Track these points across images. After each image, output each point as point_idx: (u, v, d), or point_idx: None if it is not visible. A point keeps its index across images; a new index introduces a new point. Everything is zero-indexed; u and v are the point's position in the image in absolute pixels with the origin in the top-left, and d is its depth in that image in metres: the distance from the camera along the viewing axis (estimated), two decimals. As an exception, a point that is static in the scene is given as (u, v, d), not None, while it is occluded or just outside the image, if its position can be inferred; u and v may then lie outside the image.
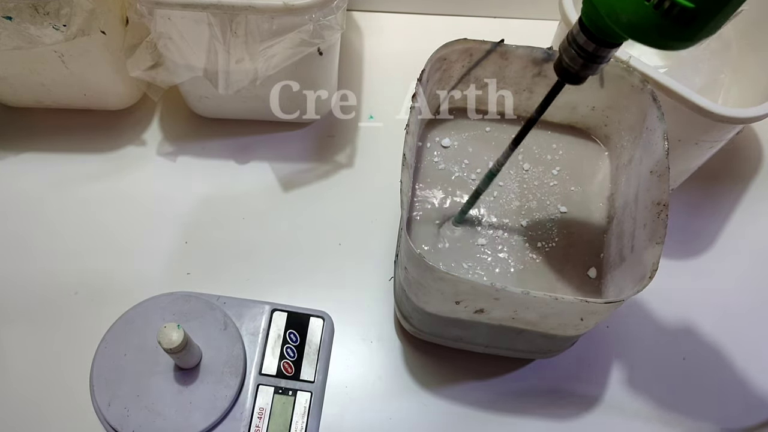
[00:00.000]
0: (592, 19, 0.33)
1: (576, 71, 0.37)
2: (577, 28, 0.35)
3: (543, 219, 0.51)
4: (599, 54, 0.35)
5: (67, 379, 0.51)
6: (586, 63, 0.36)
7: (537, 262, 0.49)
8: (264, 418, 0.48)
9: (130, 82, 0.61)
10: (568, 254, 0.50)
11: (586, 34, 0.34)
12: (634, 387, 0.54)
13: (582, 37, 0.35)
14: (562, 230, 0.51)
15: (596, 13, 0.32)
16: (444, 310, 0.45)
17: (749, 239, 0.62)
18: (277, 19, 0.50)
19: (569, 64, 0.36)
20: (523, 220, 0.51)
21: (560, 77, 0.38)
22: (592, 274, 0.49)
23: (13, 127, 0.64)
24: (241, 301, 0.52)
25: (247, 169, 0.63)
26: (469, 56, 0.50)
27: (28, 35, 0.51)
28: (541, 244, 0.50)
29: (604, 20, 0.32)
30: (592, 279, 0.49)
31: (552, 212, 0.51)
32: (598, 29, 0.34)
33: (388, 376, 0.53)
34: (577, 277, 0.49)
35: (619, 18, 0.31)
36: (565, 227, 0.51)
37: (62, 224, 0.59)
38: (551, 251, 0.50)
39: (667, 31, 0.30)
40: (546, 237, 0.50)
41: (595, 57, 0.35)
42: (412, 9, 0.75)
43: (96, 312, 0.54)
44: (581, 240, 0.50)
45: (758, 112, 0.50)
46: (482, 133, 0.54)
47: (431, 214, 0.50)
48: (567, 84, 0.38)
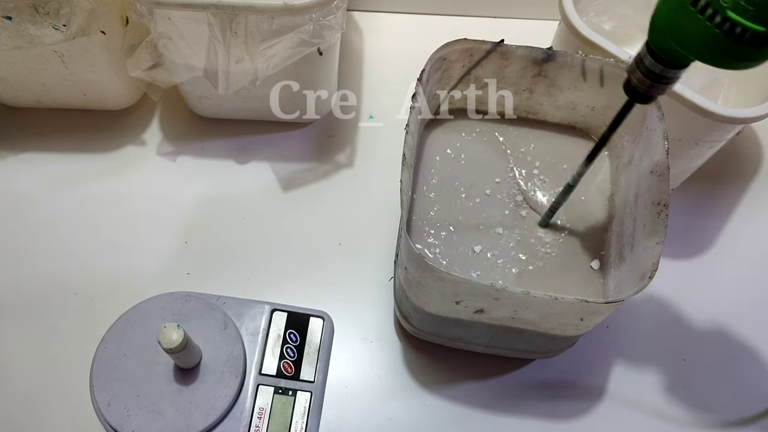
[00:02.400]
0: (658, 44, 0.34)
1: (644, 91, 0.37)
2: (644, 51, 0.35)
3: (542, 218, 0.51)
4: (667, 75, 0.36)
5: (67, 379, 0.51)
6: (654, 84, 0.36)
7: (537, 262, 0.49)
8: (264, 418, 0.48)
9: (130, 82, 0.61)
10: (567, 254, 0.50)
11: (653, 57, 0.35)
12: (634, 387, 0.54)
13: (649, 59, 0.35)
14: (562, 230, 0.51)
15: (664, 39, 0.33)
16: (444, 310, 0.45)
17: (749, 239, 0.62)
18: (277, 19, 0.50)
19: (637, 85, 0.37)
20: (523, 220, 0.51)
21: (630, 97, 0.39)
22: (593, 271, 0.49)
23: (13, 127, 0.64)
24: (241, 301, 0.52)
25: (247, 169, 0.63)
26: (469, 56, 0.50)
27: (28, 35, 0.51)
28: (540, 244, 0.50)
29: (672, 45, 0.33)
30: (592, 279, 0.49)
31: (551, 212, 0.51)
32: (665, 53, 0.34)
33: (388, 376, 0.53)
34: (577, 277, 0.49)
35: (690, 45, 0.31)
36: (565, 227, 0.51)
37: (62, 224, 0.59)
38: (551, 251, 0.50)
39: (741, 54, 0.30)
40: (546, 237, 0.50)
41: (662, 78, 0.36)
42: (412, 9, 0.75)
43: (96, 312, 0.54)
44: (581, 240, 0.50)
45: (758, 112, 0.50)
46: (482, 133, 0.54)
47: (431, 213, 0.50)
48: (636, 103, 0.39)
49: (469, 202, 0.51)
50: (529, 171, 0.53)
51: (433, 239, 0.49)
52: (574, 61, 0.49)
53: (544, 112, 0.55)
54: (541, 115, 0.55)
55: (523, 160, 0.53)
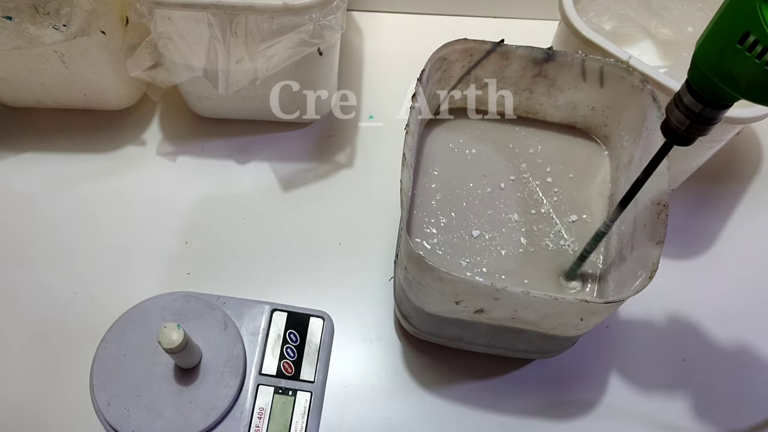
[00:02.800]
0: (700, 83, 0.33)
1: (683, 132, 0.36)
2: (684, 89, 0.34)
3: (543, 219, 0.51)
4: (708, 116, 0.34)
5: (67, 379, 0.51)
6: (694, 124, 0.35)
7: (537, 262, 0.49)
8: (264, 418, 0.48)
9: (130, 82, 0.61)
10: (567, 254, 0.50)
11: (693, 96, 0.34)
12: (633, 387, 0.54)
13: (689, 98, 0.34)
14: (561, 230, 0.50)
15: (707, 78, 0.32)
16: (444, 310, 0.45)
17: (749, 239, 0.62)
18: (277, 19, 0.50)
19: (677, 126, 0.36)
20: (523, 221, 0.51)
21: (668, 138, 0.37)
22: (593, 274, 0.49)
23: (13, 127, 0.64)
24: (241, 301, 0.52)
25: (247, 169, 0.63)
26: (469, 56, 0.50)
27: (28, 35, 0.51)
28: (540, 244, 0.50)
29: (716, 84, 0.32)
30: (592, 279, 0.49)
31: (552, 212, 0.51)
32: (707, 92, 0.33)
33: (388, 376, 0.53)
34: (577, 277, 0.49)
35: (737, 84, 0.31)
36: (565, 227, 0.51)
37: (62, 224, 0.59)
38: (551, 251, 0.50)
39: None
40: (546, 237, 0.50)
41: (702, 118, 0.34)
42: (412, 9, 0.75)
43: (96, 312, 0.54)
44: (581, 240, 0.50)
45: (758, 112, 0.50)
46: (482, 133, 0.54)
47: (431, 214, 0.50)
48: (675, 145, 0.37)
49: (469, 201, 0.51)
50: (529, 171, 0.53)
51: (433, 239, 0.49)
52: (574, 61, 0.49)
53: (544, 112, 0.55)
54: (541, 115, 0.55)
55: (523, 160, 0.53)
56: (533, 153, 0.54)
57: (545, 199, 0.52)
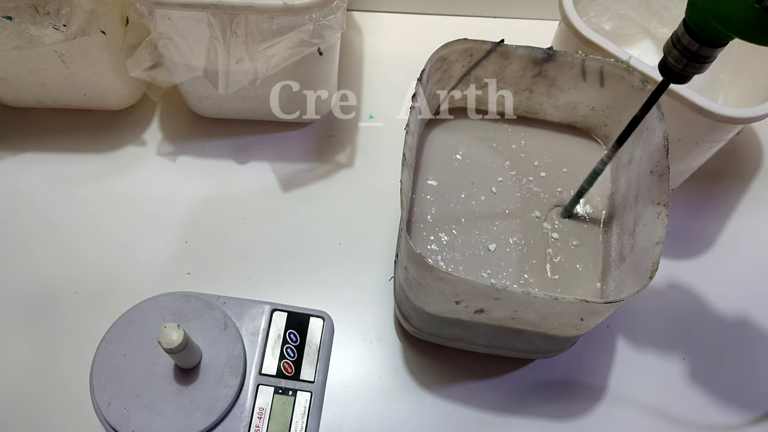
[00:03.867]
0: (697, 22, 0.34)
1: (680, 70, 0.37)
2: (681, 30, 0.36)
3: (542, 219, 0.51)
4: (703, 54, 0.36)
5: (67, 379, 0.51)
6: (690, 62, 0.37)
7: (537, 262, 0.49)
8: (264, 418, 0.48)
9: (130, 82, 0.61)
10: (567, 254, 0.50)
11: (690, 35, 0.35)
12: (633, 387, 0.54)
13: (687, 38, 0.36)
14: (562, 230, 0.51)
15: (702, 17, 0.34)
16: (444, 310, 0.45)
17: (749, 239, 0.62)
18: (277, 19, 0.50)
19: (674, 64, 0.37)
20: (523, 221, 0.51)
21: (664, 76, 0.39)
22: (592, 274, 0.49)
23: (13, 127, 0.64)
24: (241, 301, 0.52)
25: (247, 169, 0.63)
26: (469, 56, 0.50)
27: (28, 35, 0.51)
28: (541, 244, 0.50)
29: (710, 23, 0.33)
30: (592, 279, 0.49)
31: (552, 212, 0.51)
32: (703, 31, 0.35)
33: (388, 376, 0.53)
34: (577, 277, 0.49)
35: (729, 22, 0.32)
36: (565, 227, 0.51)
37: (62, 224, 0.59)
38: (551, 251, 0.50)
39: None
40: (546, 237, 0.50)
41: (699, 57, 0.36)
42: (412, 9, 0.75)
43: (96, 312, 0.54)
44: (581, 240, 0.50)
45: (758, 112, 0.50)
46: (482, 133, 0.54)
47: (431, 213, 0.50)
48: (671, 83, 0.39)
49: (470, 202, 0.51)
50: (529, 170, 0.53)
51: (433, 238, 0.49)
52: (574, 61, 0.49)
53: (544, 112, 0.55)
54: (541, 115, 0.55)
55: (523, 160, 0.53)
56: (533, 153, 0.54)
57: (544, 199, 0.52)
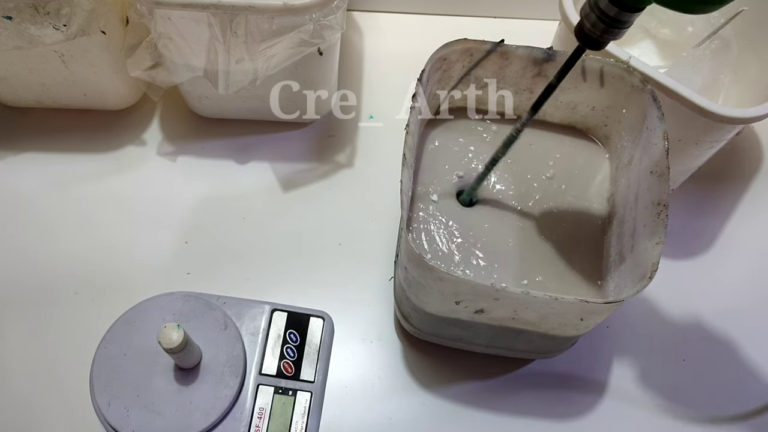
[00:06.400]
0: None
1: (597, 36, 0.36)
2: None
3: (542, 219, 0.51)
4: (621, 19, 0.35)
5: (67, 379, 0.51)
6: (608, 28, 0.36)
7: (537, 262, 0.49)
8: (264, 418, 0.48)
9: (130, 82, 0.61)
10: (567, 255, 0.50)
11: (610, 1, 0.34)
12: (633, 387, 0.54)
13: (604, 2, 0.35)
14: (562, 231, 0.50)
15: None
16: (444, 310, 0.45)
17: (749, 239, 0.62)
18: (277, 19, 0.50)
19: (591, 30, 0.36)
20: (522, 221, 0.51)
21: (581, 42, 0.38)
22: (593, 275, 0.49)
23: (13, 127, 0.64)
24: (241, 301, 0.52)
25: (247, 169, 0.63)
26: (469, 56, 0.50)
27: (28, 35, 0.51)
28: (541, 244, 0.50)
29: None
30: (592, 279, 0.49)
31: (552, 213, 0.51)
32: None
33: (388, 376, 0.53)
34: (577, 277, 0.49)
35: None
36: (566, 228, 0.51)
37: (62, 224, 0.59)
38: (551, 252, 0.50)
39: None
40: (546, 237, 0.50)
41: (617, 21, 0.35)
42: (412, 9, 0.75)
43: (96, 312, 0.54)
44: (581, 240, 0.50)
45: (758, 112, 0.50)
46: (482, 133, 0.54)
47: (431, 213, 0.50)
48: (587, 49, 0.38)
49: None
50: (529, 170, 0.53)
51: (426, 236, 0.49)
52: (574, 61, 0.49)
53: (544, 112, 0.55)
54: (541, 115, 0.55)
55: (523, 160, 0.53)
56: (533, 152, 0.54)
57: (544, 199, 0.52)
